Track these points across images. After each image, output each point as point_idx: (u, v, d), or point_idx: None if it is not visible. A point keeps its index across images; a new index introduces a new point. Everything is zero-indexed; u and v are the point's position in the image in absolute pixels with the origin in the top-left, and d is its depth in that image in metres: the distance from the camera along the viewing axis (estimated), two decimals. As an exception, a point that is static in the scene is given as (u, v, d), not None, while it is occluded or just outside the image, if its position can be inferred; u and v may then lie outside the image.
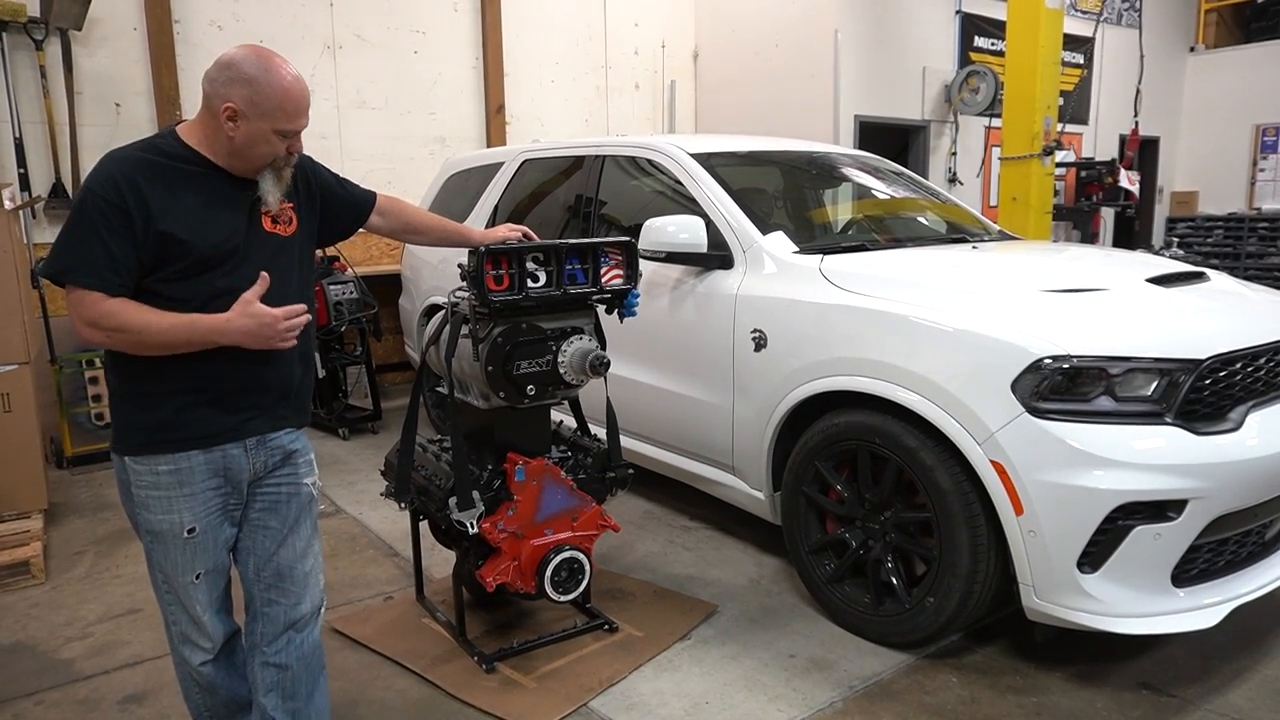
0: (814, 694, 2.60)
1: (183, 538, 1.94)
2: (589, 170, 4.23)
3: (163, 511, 1.93)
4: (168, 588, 2.01)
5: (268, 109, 1.87)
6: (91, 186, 1.82)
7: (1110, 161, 8.84)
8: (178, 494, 1.92)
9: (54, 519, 4.09)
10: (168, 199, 1.83)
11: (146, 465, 1.91)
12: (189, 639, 2.05)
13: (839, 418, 2.89)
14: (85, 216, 1.80)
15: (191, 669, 2.08)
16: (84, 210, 1.80)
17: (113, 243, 1.78)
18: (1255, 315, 2.85)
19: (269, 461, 2.03)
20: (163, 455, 1.90)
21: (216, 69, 1.88)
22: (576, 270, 2.63)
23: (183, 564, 1.97)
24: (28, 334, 3.94)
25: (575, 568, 2.65)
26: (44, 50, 5.41)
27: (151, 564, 2.02)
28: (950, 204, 4.39)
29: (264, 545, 2.05)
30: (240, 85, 1.85)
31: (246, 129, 1.87)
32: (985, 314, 2.62)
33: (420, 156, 7.03)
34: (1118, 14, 9.79)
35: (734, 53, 8.29)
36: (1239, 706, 2.51)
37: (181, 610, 2.02)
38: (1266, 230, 10.01)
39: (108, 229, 1.78)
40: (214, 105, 1.87)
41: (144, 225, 1.80)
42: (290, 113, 1.90)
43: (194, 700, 2.15)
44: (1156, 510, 2.37)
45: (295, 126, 1.93)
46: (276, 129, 1.89)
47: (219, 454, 1.94)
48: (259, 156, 1.91)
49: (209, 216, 1.88)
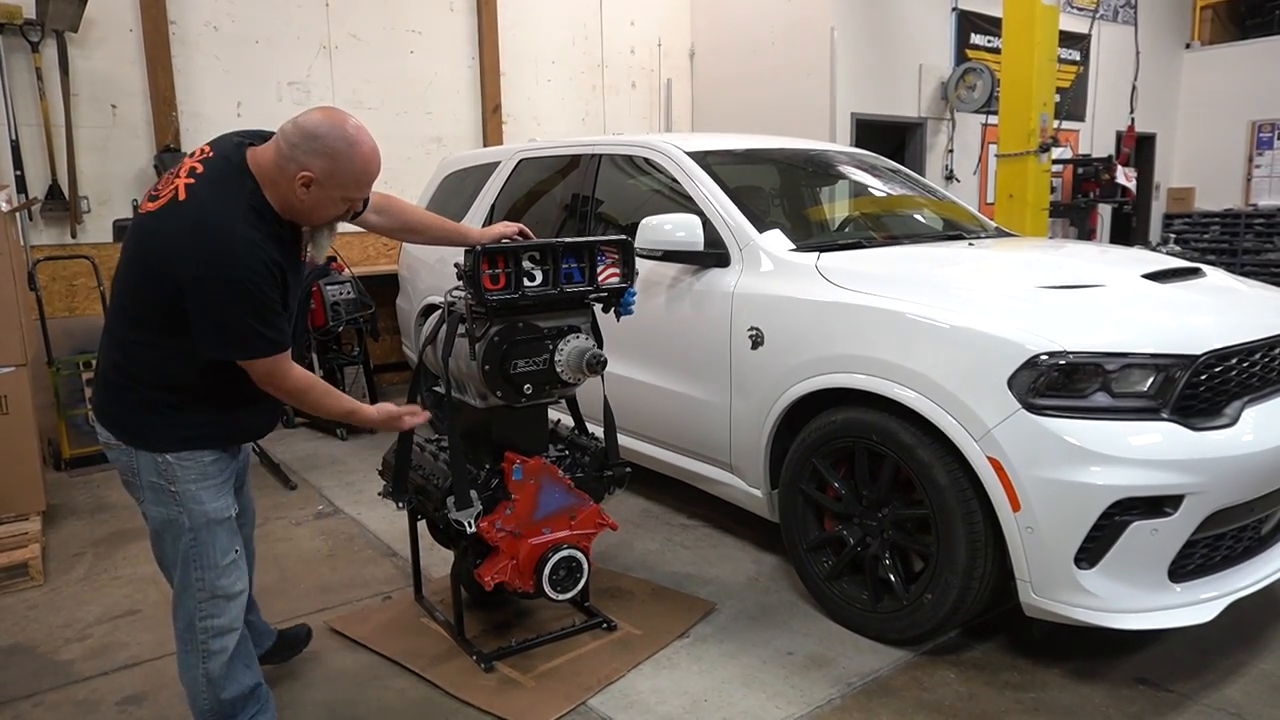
0: (812, 691, 2.60)
1: (230, 519, 2.15)
2: (585, 169, 4.23)
3: (213, 499, 2.11)
4: (206, 579, 2.13)
5: (345, 181, 1.99)
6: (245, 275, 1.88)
7: (1107, 158, 8.86)
8: (219, 480, 2.13)
9: (52, 521, 4.09)
10: (282, 263, 1.99)
11: (194, 458, 2.07)
12: (225, 628, 2.17)
13: (836, 415, 2.89)
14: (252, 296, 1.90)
15: (220, 665, 2.18)
16: (249, 293, 1.89)
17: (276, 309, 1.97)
18: (1251, 311, 2.85)
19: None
20: (209, 450, 2.10)
21: (299, 135, 1.94)
22: (573, 269, 2.63)
23: (225, 545, 2.14)
24: (25, 336, 3.93)
25: (573, 566, 2.65)
26: (40, 52, 5.40)
27: (188, 562, 2.11)
28: (947, 201, 4.39)
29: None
30: (323, 158, 1.94)
31: (319, 196, 1.98)
32: (981, 311, 2.62)
33: (417, 156, 7.03)
34: (1114, 10, 9.80)
35: (730, 51, 8.29)
36: (1236, 701, 2.52)
37: (220, 594, 2.15)
38: (1263, 226, 10.03)
39: (269, 299, 1.94)
40: (289, 170, 1.95)
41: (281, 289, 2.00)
42: (363, 185, 2.04)
43: (202, 704, 2.21)
44: (1153, 506, 2.37)
45: (364, 195, 2.10)
46: (347, 197, 2.04)
47: (238, 449, 2.26)
48: (322, 218, 2.06)
49: (293, 271, 2.06)
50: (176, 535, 2.10)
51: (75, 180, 5.60)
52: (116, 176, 5.83)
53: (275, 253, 1.96)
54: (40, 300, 4.98)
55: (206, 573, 2.12)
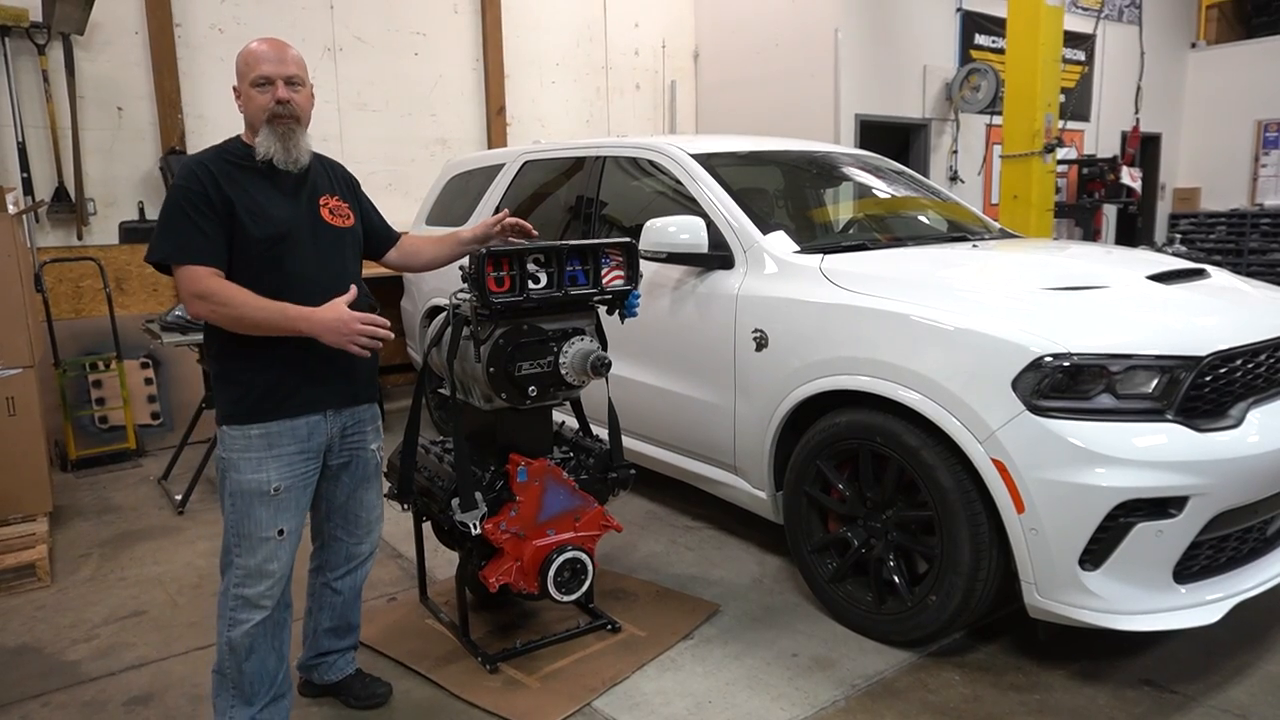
0: (817, 693, 2.60)
1: (269, 494, 2.18)
2: (590, 171, 4.23)
3: (251, 471, 2.17)
4: (242, 548, 2.19)
5: (242, 68, 2.20)
6: (178, 182, 2.13)
7: (1112, 158, 8.86)
8: (267, 455, 2.18)
9: (59, 522, 4.10)
10: (236, 189, 2.14)
11: (240, 430, 2.18)
12: (251, 601, 2.22)
13: (840, 417, 2.89)
14: (177, 206, 2.10)
15: (241, 633, 2.22)
16: (175, 202, 2.10)
17: (203, 224, 2.09)
18: (1256, 311, 2.85)
19: (345, 428, 2.35)
20: (255, 423, 2.17)
21: None
22: (577, 271, 2.64)
23: (266, 520, 2.19)
24: (32, 338, 3.95)
25: (578, 568, 2.65)
26: (46, 55, 5.43)
27: (230, 527, 2.21)
28: (951, 202, 4.39)
29: (334, 494, 2.42)
30: (236, 70, 2.22)
31: (244, 94, 2.20)
32: (986, 312, 2.62)
33: (421, 158, 7.04)
34: (1118, 10, 9.78)
35: (734, 53, 8.29)
36: (1241, 702, 2.52)
37: (252, 567, 2.20)
38: (1269, 226, 10.00)
39: (197, 213, 2.09)
40: (237, 100, 2.23)
41: (222, 204, 2.11)
42: (257, 60, 2.18)
43: (224, 662, 2.26)
44: (1158, 507, 2.37)
45: (264, 73, 2.17)
46: (253, 81, 2.18)
47: (303, 422, 2.23)
48: (254, 110, 2.19)
49: (268, 203, 2.17)
50: (225, 500, 2.22)
51: (81, 183, 5.63)
52: (122, 179, 5.86)
53: (225, 174, 2.14)
54: (47, 302, 5.00)
55: (242, 542, 2.20)
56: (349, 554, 2.50)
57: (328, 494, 2.41)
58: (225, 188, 2.12)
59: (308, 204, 2.26)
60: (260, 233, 2.14)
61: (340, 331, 2.10)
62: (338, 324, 2.10)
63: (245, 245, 2.14)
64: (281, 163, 2.19)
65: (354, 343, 2.12)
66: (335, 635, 2.57)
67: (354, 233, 2.38)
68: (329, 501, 2.43)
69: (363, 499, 2.46)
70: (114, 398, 5.22)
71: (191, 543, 3.87)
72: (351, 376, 2.32)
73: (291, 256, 2.19)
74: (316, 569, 2.54)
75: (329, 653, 2.58)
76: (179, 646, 2.96)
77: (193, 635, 3.03)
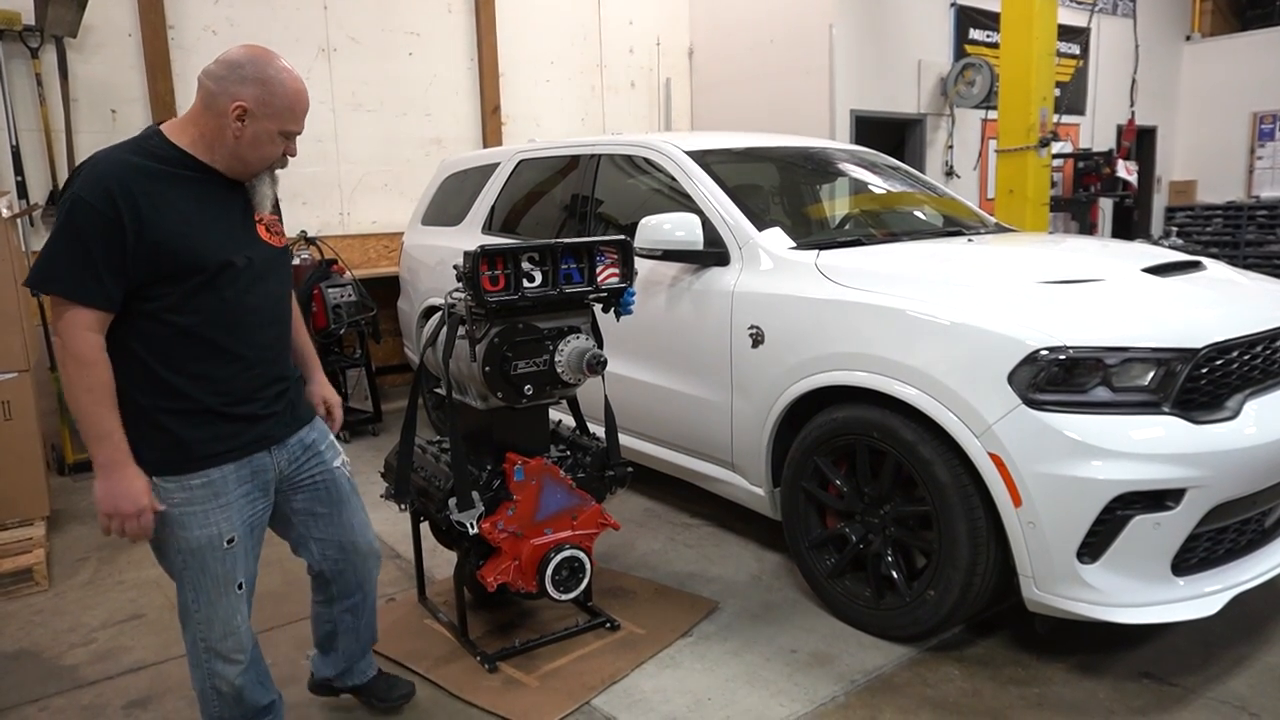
0: (816, 688, 2.60)
1: (223, 549, 1.96)
2: (585, 169, 4.23)
3: (199, 526, 1.93)
4: (201, 605, 1.99)
5: (278, 109, 1.88)
6: (82, 194, 1.76)
7: (1108, 152, 8.86)
8: (213, 505, 1.94)
9: (56, 526, 4.10)
10: (161, 204, 1.81)
11: (177, 482, 1.91)
12: (222, 655, 2.04)
13: (837, 413, 2.89)
14: (73, 225, 1.76)
15: (224, 683, 2.07)
16: (72, 218, 1.76)
17: (99, 254, 1.75)
18: (1251, 303, 2.85)
19: (293, 458, 2.11)
20: (194, 472, 1.91)
21: (222, 68, 1.87)
22: (572, 270, 2.63)
23: (224, 576, 1.98)
24: (27, 341, 3.94)
25: (576, 566, 2.65)
26: (40, 58, 5.41)
27: (184, 584, 1.99)
28: (946, 197, 4.38)
29: (319, 529, 2.19)
30: (252, 85, 1.85)
31: (254, 129, 1.87)
32: (981, 307, 2.62)
33: (417, 158, 7.03)
34: (1113, 3, 9.78)
35: (729, 49, 8.28)
36: (1241, 694, 2.52)
37: (217, 625, 2.01)
38: (1265, 218, 10.00)
39: (97, 240, 1.75)
40: (220, 104, 1.85)
41: (136, 237, 1.77)
42: (298, 114, 1.94)
43: (213, 712, 2.13)
44: (1155, 500, 2.37)
45: (299, 128, 1.96)
46: (282, 130, 1.91)
47: (247, 463, 1.99)
48: (260, 158, 1.92)
49: (203, 223, 1.87)
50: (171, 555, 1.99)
51: (76, 186, 5.61)
52: (117, 181, 5.83)
53: (148, 191, 1.79)
54: (42, 306, 4.98)
55: (201, 600, 1.99)
56: (358, 578, 2.32)
57: (312, 532, 2.19)
58: (145, 214, 1.77)
59: (242, 222, 1.97)
60: (195, 262, 1.84)
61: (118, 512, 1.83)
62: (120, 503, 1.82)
63: (175, 276, 1.83)
64: (263, 207, 1.99)
65: (117, 529, 1.85)
66: (360, 648, 2.46)
67: (288, 251, 2.14)
68: (317, 540, 2.20)
69: (351, 522, 2.24)
70: (111, 401, 5.20)
71: (189, 545, 3.86)
72: (283, 398, 2.07)
73: (232, 286, 1.90)
74: (326, 601, 2.34)
75: (354, 663, 2.48)
76: (177, 650, 2.94)
77: (191, 638, 3.02)
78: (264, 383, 2.01)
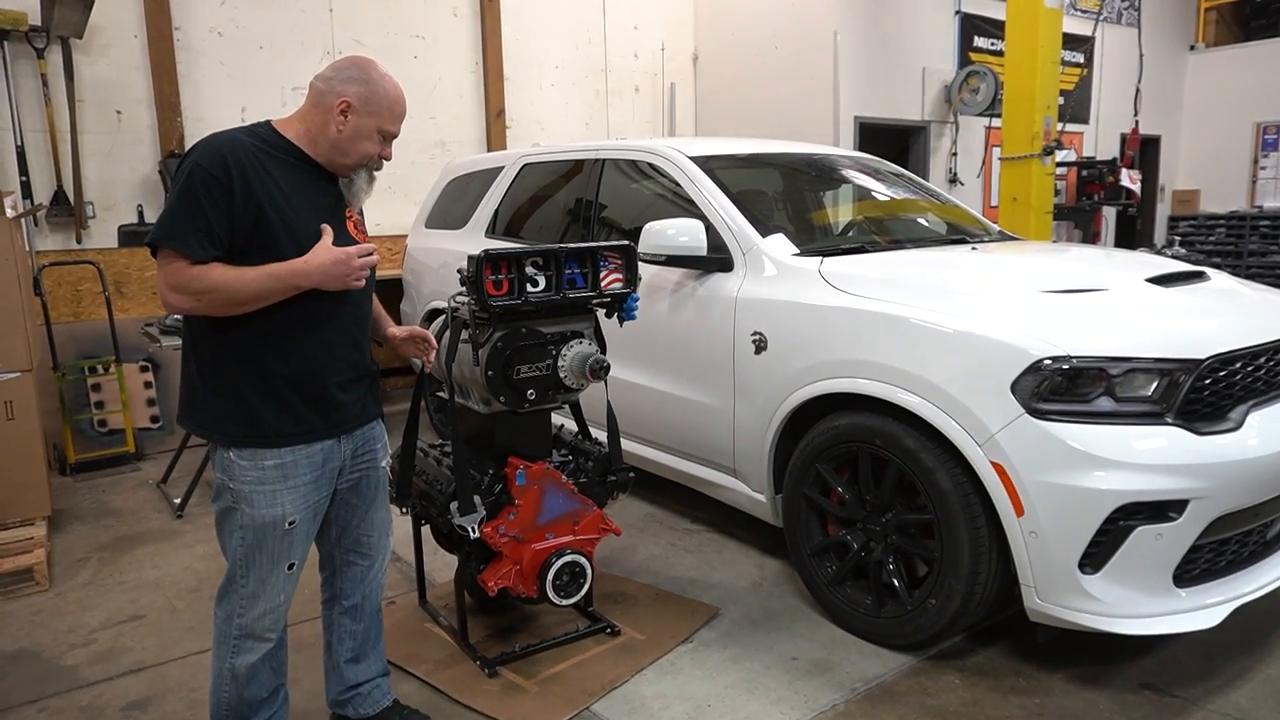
0: (816, 696, 2.60)
1: (284, 530, 2.04)
2: (589, 174, 4.23)
3: (266, 505, 2.01)
4: (250, 580, 2.06)
5: (379, 107, 2.04)
6: (198, 160, 1.91)
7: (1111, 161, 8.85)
8: (282, 486, 2.02)
9: (57, 526, 4.10)
10: (266, 180, 1.95)
11: (252, 460, 2.00)
12: (254, 634, 2.11)
13: (840, 420, 2.89)
14: (190, 189, 1.89)
15: (243, 664, 2.12)
16: (190, 183, 1.89)
17: (211, 214, 1.88)
18: (1255, 314, 2.85)
19: (356, 449, 2.20)
20: (269, 450, 2.00)
21: (331, 70, 2.06)
22: (576, 274, 2.63)
23: (279, 554, 2.06)
24: (30, 341, 3.95)
25: (577, 571, 2.65)
26: (45, 58, 5.43)
27: (235, 559, 2.06)
28: (950, 205, 4.39)
29: (345, 518, 2.26)
30: (357, 84, 2.02)
31: (355, 124, 2.02)
32: (985, 315, 2.62)
33: (421, 161, 7.04)
34: (1117, 13, 9.79)
35: (733, 55, 8.29)
36: (1242, 706, 2.51)
37: (260, 601, 2.08)
38: (1268, 228, 10.00)
39: (209, 200, 1.88)
40: (327, 101, 2.01)
41: (244, 200, 1.90)
42: (397, 115, 2.09)
43: (222, 694, 2.16)
44: (1157, 510, 2.36)
45: (397, 129, 2.11)
46: (381, 128, 2.06)
47: (319, 448, 2.07)
48: (359, 153, 2.05)
49: (301, 202, 2.00)
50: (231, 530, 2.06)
51: (80, 186, 5.62)
52: (121, 182, 5.85)
53: (257, 166, 1.93)
54: (46, 306, 5.00)
55: (251, 577, 2.05)
56: (364, 576, 2.34)
57: (338, 519, 2.24)
58: (253, 183, 1.91)
59: (334, 212, 2.07)
60: (283, 229, 1.94)
61: (343, 273, 1.94)
62: (336, 266, 1.93)
63: (271, 246, 1.92)
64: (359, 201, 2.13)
65: (357, 277, 1.97)
66: (360, 665, 2.39)
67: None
68: (340, 527, 2.26)
69: (374, 519, 2.31)
70: (113, 401, 5.21)
71: (190, 546, 3.86)
72: (366, 387, 2.17)
73: None
74: (329, 599, 2.36)
75: (359, 684, 2.39)
76: (177, 651, 2.95)
77: (191, 639, 3.02)
78: (345, 370, 2.10)
